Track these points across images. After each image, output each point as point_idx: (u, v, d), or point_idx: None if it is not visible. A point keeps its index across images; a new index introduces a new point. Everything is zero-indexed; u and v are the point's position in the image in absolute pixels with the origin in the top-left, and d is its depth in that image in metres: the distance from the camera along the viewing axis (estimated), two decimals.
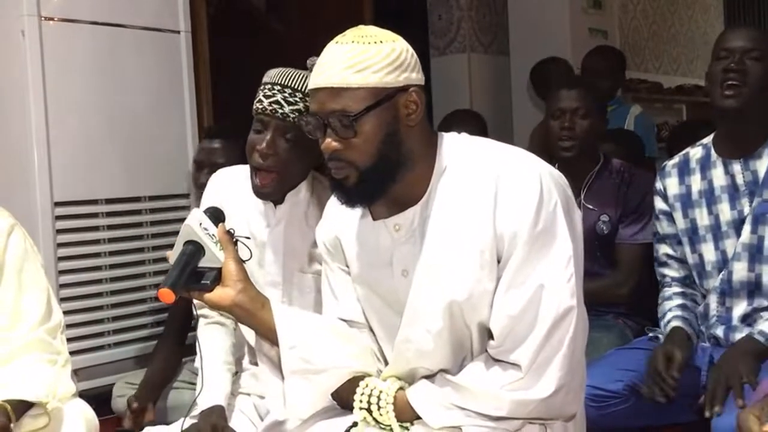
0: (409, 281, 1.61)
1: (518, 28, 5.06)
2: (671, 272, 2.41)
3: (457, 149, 1.61)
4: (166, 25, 3.32)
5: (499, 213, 1.52)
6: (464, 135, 1.66)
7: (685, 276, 2.39)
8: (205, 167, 2.80)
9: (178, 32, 3.36)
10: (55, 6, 2.98)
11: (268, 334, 1.64)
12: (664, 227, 2.41)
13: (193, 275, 1.59)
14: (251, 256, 1.71)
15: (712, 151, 2.32)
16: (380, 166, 1.53)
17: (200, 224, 1.60)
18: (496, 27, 5.31)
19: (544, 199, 1.51)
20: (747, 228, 2.22)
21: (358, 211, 1.68)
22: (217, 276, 1.60)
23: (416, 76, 1.56)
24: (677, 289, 2.38)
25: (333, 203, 1.76)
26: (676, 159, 2.42)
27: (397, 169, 1.55)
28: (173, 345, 2.78)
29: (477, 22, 5.23)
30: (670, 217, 2.39)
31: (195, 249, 1.59)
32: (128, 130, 3.18)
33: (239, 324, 2.03)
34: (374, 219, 1.66)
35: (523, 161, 1.57)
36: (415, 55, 1.58)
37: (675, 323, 2.29)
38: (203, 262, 1.60)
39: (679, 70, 6.91)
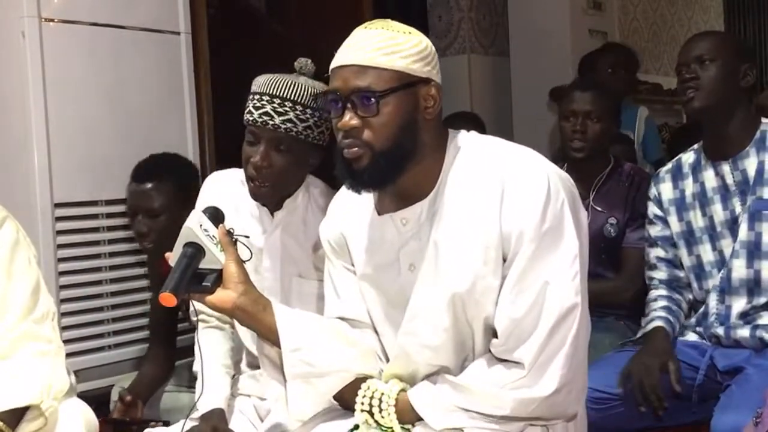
0: (416, 276, 1.61)
1: (518, 30, 5.06)
2: (659, 274, 2.45)
3: (466, 147, 1.62)
4: (166, 26, 3.32)
5: (505, 211, 1.52)
6: (473, 133, 1.66)
7: (672, 279, 2.43)
8: (139, 213, 2.63)
9: (178, 33, 3.36)
10: (55, 7, 2.98)
11: (269, 336, 1.63)
12: (657, 231, 2.45)
13: (194, 277, 1.58)
14: (251, 256, 1.70)
15: (702, 155, 2.38)
16: (394, 151, 1.54)
17: (200, 225, 1.60)
18: (496, 28, 5.31)
19: (552, 197, 1.52)
20: (744, 226, 2.26)
21: (363, 208, 1.68)
22: (218, 278, 1.60)
23: (437, 74, 1.60)
24: (663, 292, 2.42)
25: (337, 201, 1.76)
26: (669, 165, 2.48)
27: (409, 159, 1.56)
28: (161, 350, 2.77)
29: (477, 23, 5.23)
30: (663, 221, 2.44)
31: (195, 251, 1.58)
32: (128, 131, 3.18)
33: (238, 327, 2.03)
34: (380, 214, 1.65)
35: (531, 160, 1.59)
36: (437, 56, 1.61)
37: (657, 323, 2.32)
38: (204, 264, 1.59)
39: None
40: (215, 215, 1.65)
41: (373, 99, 1.52)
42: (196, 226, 1.60)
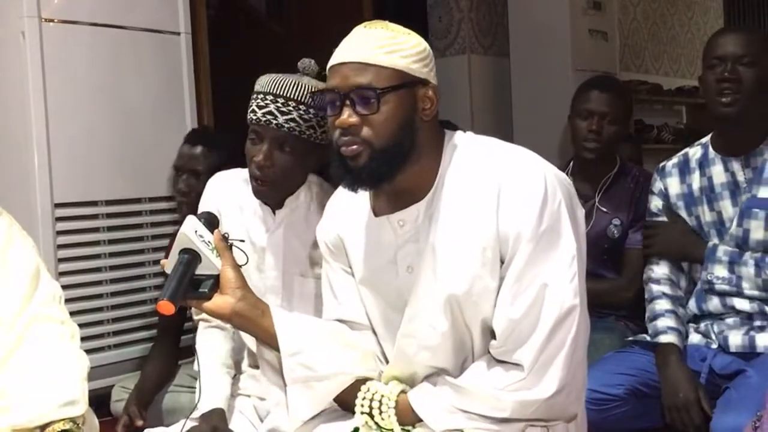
0: (414, 278, 1.60)
1: (518, 30, 5.06)
2: (661, 270, 2.43)
3: (463, 148, 1.61)
4: (166, 26, 3.32)
5: (502, 212, 1.51)
6: (470, 133, 1.66)
7: (674, 276, 2.42)
8: (183, 173, 2.74)
9: (178, 34, 3.36)
10: (55, 7, 2.98)
11: (269, 341, 1.63)
12: None
13: (191, 284, 1.57)
14: (248, 261, 1.69)
15: (710, 149, 2.36)
16: (393, 149, 1.53)
17: (195, 231, 1.58)
18: (496, 28, 5.32)
19: (549, 198, 1.51)
20: (735, 221, 2.27)
21: (360, 209, 1.67)
22: (215, 283, 1.59)
23: (434, 77, 1.60)
24: (666, 290, 2.41)
25: (334, 202, 1.75)
26: (675, 159, 2.45)
27: (406, 158, 1.54)
28: (167, 348, 2.77)
29: (477, 23, 5.23)
30: (669, 217, 2.42)
31: (191, 257, 1.57)
32: (128, 131, 3.18)
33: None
34: (377, 215, 1.65)
35: (528, 161, 1.57)
36: (434, 59, 1.61)
37: (669, 337, 2.30)
38: (200, 270, 1.58)
39: (678, 72, 6.92)
40: (210, 221, 1.64)
41: (373, 96, 1.50)
42: (191, 232, 1.58)
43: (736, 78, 2.23)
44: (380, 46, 1.53)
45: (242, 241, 1.73)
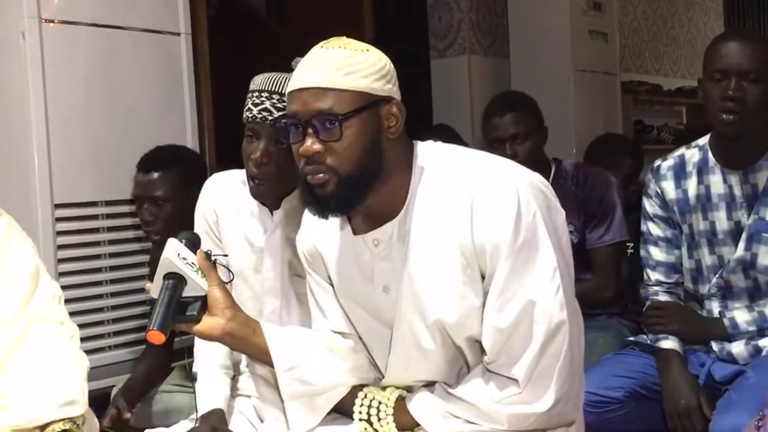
0: (391, 298, 1.58)
1: (518, 30, 5.06)
2: (659, 276, 2.39)
3: (433, 161, 1.57)
4: (166, 26, 3.32)
5: (476, 228, 1.48)
6: (439, 144, 1.62)
7: (672, 281, 2.39)
8: (144, 202, 2.68)
9: (178, 34, 3.36)
10: (55, 8, 2.98)
11: (262, 358, 1.63)
12: (658, 230, 2.38)
13: (179, 308, 1.56)
14: (233, 277, 1.69)
15: (710, 155, 2.29)
16: (360, 174, 1.49)
17: (178, 254, 1.57)
18: (496, 29, 5.31)
19: (522, 211, 1.47)
20: (741, 245, 2.22)
21: (337, 222, 1.64)
22: (203, 305, 1.58)
23: (397, 92, 1.55)
24: (665, 297, 2.38)
25: (310, 214, 1.72)
26: (670, 161, 2.38)
27: (375, 180, 1.51)
28: (160, 350, 2.76)
29: (477, 24, 5.23)
30: (665, 221, 2.37)
31: (176, 281, 1.56)
32: (128, 132, 3.18)
33: None
34: (354, 233, 1.62)
35: (499, 173, 1.53)
36: (396, 73, 1.56)
37: (670, 343, 2.29)
38: (186, 292, 1.57)
39: (679, 72, 6.92)
40: (192, 241, 1.63)
41: (335, 122, 1.46)
42: (174, 255, 1.57)
43: (740, 96, 2.13)
44: (338, 68, 1.47)
45: (225, 255, 1.72)
